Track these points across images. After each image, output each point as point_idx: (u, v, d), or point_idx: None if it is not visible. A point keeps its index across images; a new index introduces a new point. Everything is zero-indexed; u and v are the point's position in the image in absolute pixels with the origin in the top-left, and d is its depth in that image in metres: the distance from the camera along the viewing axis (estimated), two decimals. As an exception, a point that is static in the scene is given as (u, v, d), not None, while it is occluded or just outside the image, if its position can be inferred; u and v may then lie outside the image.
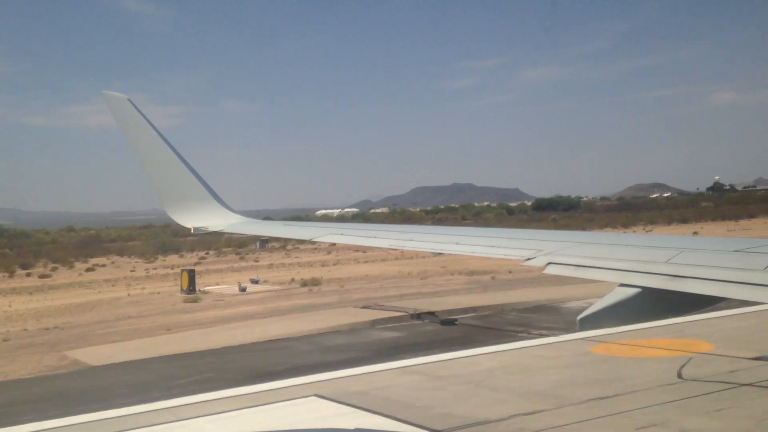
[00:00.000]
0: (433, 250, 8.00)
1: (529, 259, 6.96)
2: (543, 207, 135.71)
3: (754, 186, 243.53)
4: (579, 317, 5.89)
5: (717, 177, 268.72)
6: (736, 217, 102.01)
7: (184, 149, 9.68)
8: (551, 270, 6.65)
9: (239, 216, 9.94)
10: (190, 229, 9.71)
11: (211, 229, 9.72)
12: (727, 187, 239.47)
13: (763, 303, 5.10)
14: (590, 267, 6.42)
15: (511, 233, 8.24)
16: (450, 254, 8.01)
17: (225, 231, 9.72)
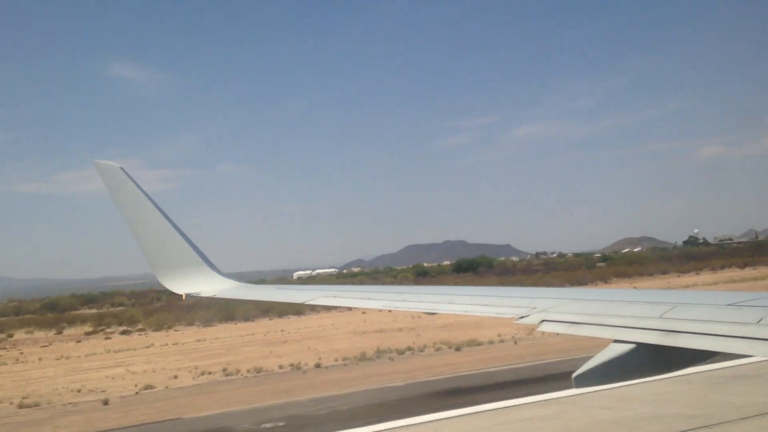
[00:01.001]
0: (426, 310, 8.00)
1: (522, 317, 6.96)
2: (464, 268, 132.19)
3: (730, 239, 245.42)
4: (574, 375, 5.86)
5: (696, 230, 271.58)
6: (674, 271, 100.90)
7: (178, 212, 9.79)
8: (545, 327, 6.64)
9: (232, 281, 9.93)
10: (181, 296, 9.68)
11: (203, 294, 9.70)
12: (701, 241, 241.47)
13: (756, 356, 5.11)
14: (584, 324, 6.42)
15: (505, 291, 8.26)
16: (444, 314, 8.00)
17: (217, 296, 9.70)
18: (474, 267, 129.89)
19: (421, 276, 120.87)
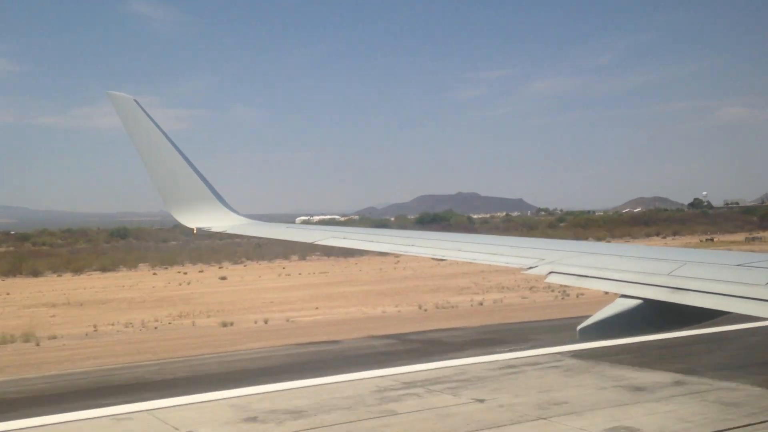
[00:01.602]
0: (435, 256, 8.01)
1: (531, 267, 6.96)
2: (427, 221, 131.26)
3: (736, 203, 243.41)
4: (579, 327, 5.87)
5: (705, 193, 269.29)
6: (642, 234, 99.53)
7: (191, 153, 9.69)
8: (553, 279, 6.64)
9: (242, 218, 9.96)
10: (192, 230, 9.73)
11: (214, 230, 9.75)
12: (705, 204, 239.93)
13: (764, 318, 5.07)
14: (592, 277, 6.41)
15: (514, 241, 8.24)
16: (452, 260, 8.00)
17: (227, 232, 9.74)
18: (438, 221, 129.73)
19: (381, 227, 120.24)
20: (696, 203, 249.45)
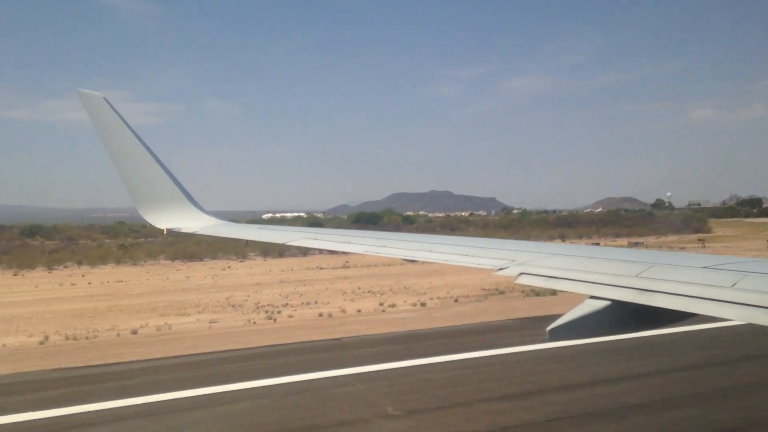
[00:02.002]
0: (406, 257, 8.02)
1: (501, 269, 7.00)
2: (363, 221, 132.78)
3: (698, 204, 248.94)
4: (548, 328, 5.92)
5: (669, 194, 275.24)
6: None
7: (164, 148, 9.70)
8: (523, 280, 6.69)
9: (212, 218, 9.91)
10: (162, 231, 9.65)
11: (184, 230, 9.68)
12: (666, 204, 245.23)
13: (729, 320, 5.16)
14: (561, 279, 6.47)
15: (485, 243, 8.28)
16: (423, 262, 8.02)
17: (197, 233, 9.68)
18: (374, 221, 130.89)
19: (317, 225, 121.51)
20: (658, 204, 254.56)
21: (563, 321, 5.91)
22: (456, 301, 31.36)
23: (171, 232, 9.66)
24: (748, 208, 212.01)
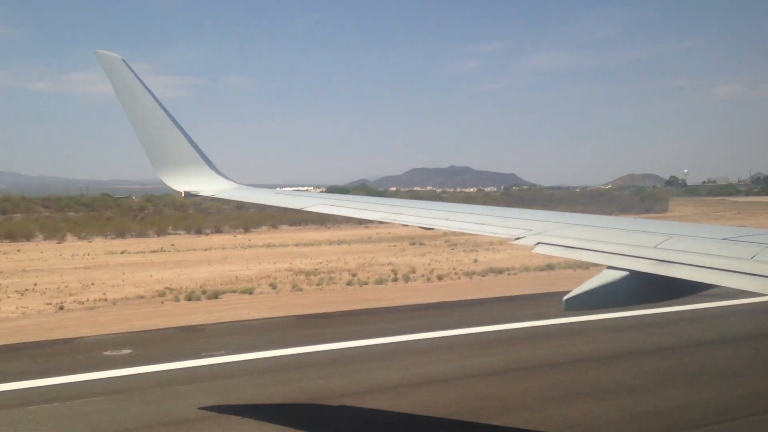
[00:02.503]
0: (422, 225, 7.98)
1: (518, 238, 6.96)
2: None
3: (714, 182, 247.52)
4: (565, 297, 5.88)
5: (686, 171, 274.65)
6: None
7: (184, 121, 9.58)
8: (540, 250, 6.64)
9: (231, 182, 9.90)
10: (181, 193, 9.67)
11: (203, 193, 9.69)
12: (680, 182, 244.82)
13: (748, 292, 5.09)
14: (579, 248, 6.42)
15: (502, 211, 8.22)
16: (440, 229, 7.99)
17: (216, 196, 9.69)
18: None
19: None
20: (671, 181, 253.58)
21: (581, 291, 5.86)
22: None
23: (189, 195, 9.68)
24: (764, 185, 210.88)
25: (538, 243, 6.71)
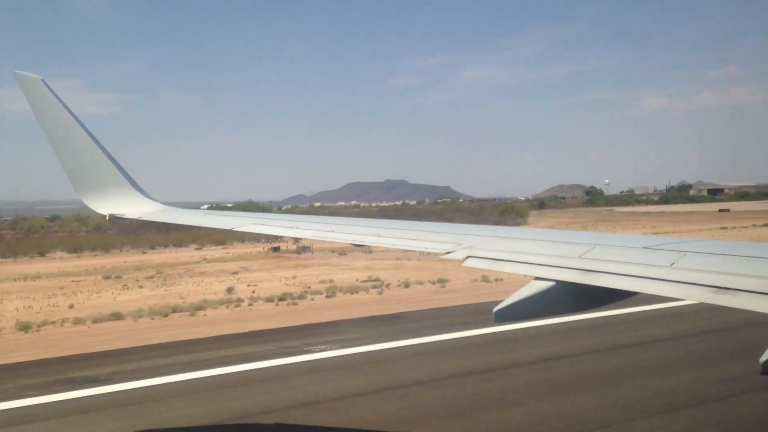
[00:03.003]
0: (354, 242, 7.97)
1: (448, 252, 7.02)
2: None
3: (631, 191, 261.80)
4: (495, 309, 5.95)
5: (607, 181, 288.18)
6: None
7: (118, 139, 9.48)
8: (470, 263, 6.72)
9: (158, 204, 9.69)
10: (105, 217, 9.41)
11: (128, 216, 9.45)
12: (598, 191, 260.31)
13: (668, 298, 5.25)
14: (507, 261, 6.51)
15: (433, 227, 8.28)
16: (371, 246, 7.99)
17: (142, 219, 9.46)
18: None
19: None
20: (591, 191, 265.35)
21: (508, 302, 5.95)
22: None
23: (114, 218, 9.43)
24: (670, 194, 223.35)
25: (468, 257, 6.79)
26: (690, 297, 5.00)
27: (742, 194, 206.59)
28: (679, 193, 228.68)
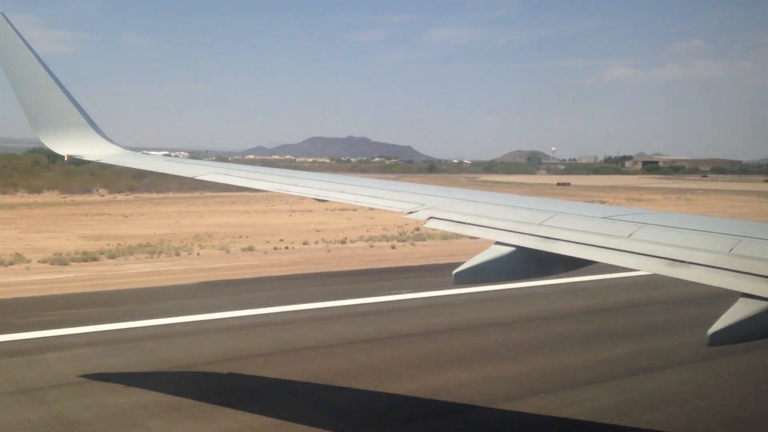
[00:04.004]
0: (317, 197, 7.95)
1: (411, 212, 7.06)
2: None
3: (574, 160, 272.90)
4: (454, 272, 6.01)
5: (553, 149, 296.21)
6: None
7: (75, 80, 9.19)
8: (432, 224, 6.77)
9: (118, 147, 9.51)
10: (63, 157, 9.21)
11: (87, 158, 9.26)
12: (539, 159, 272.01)
13: (624, 268, 5.37)
14: (469, 224, 6.58)
15: (397, 186, 8.29)
16: (333, 201, 7.98)
17: (101, 161, 9.28)
18: None
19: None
20: (532, 157, 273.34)
21: (468, 265, 6.02)
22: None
23: (72, 160, 9.23)
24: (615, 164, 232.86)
25: (431, 218, 6.83)
26: (646, 268, 5.13)
27: (677, 167, 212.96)
28: (610, 165, 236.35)
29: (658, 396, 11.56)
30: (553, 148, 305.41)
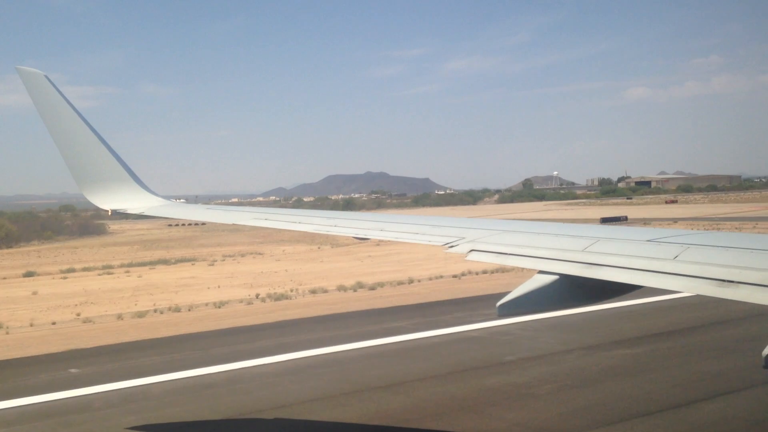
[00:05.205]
0: (357, 236, 8.08)
1: (451, 246, 7.13)
2: None
3: (572, 183, 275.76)
4: (498, 303, 6.05)
5: (556, 173, 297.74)
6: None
7: (100, 132, 9.37)
8: (473, 257, 6.82)
9: (160, 198, 9.71)
10: (107, 212, 9.43)
11: (131, 211, 9.48)
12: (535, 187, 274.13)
13: (671, 291, 5.38)
14: (511, 254, 6.62)
15: (436, 220, 8.39)
16: (375, 239, 8.10)
17: (145, 214, 9.50)
18: None
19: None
20: (526, 183, 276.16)
21: (513, 296, 6.05)
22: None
23: (116, 213, 9.45)
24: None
25: (471, 250, 6.89)
26: (694, 290, 5.10)
27: (634, 189, 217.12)
28: (607, 187, 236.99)
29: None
30: (555, 172, 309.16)
